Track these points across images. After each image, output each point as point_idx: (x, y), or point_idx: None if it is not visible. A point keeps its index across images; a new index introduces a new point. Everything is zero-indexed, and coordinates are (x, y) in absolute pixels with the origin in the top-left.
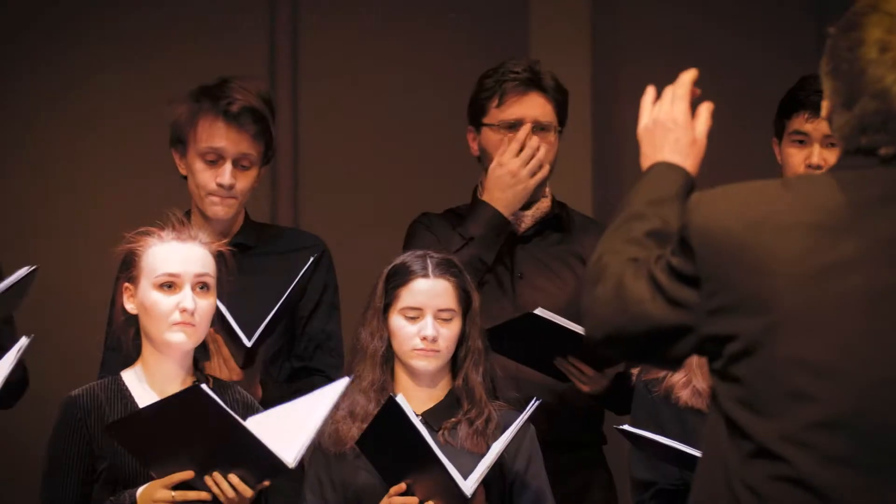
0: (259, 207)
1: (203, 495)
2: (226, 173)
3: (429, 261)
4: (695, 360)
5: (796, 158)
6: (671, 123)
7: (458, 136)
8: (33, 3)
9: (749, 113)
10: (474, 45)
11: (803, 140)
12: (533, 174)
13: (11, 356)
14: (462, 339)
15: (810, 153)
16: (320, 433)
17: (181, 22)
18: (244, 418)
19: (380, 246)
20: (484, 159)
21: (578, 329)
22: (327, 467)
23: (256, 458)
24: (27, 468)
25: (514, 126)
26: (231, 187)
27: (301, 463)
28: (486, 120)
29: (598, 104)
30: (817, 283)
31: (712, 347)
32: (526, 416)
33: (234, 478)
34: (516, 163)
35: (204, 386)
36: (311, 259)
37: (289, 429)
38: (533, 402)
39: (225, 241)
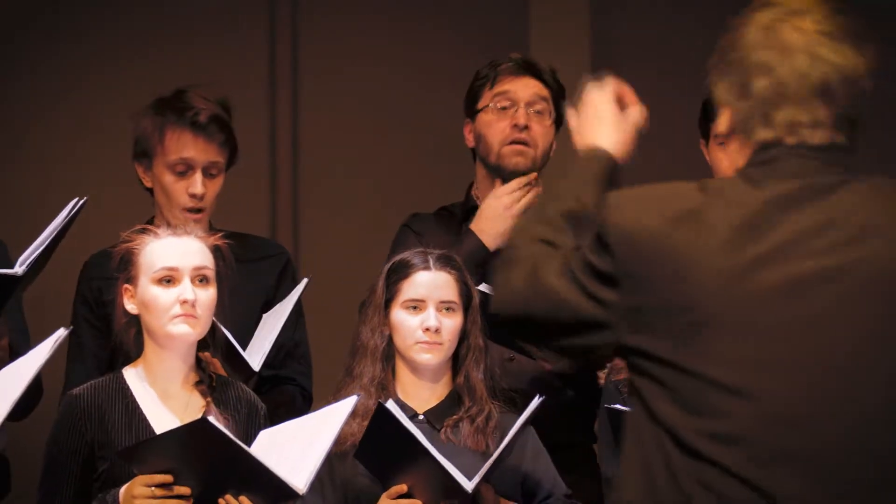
0: (258, 207)
1: (184, 490)
2: (197, 183)
3: (429, 255)
4: None
5: (724, 163)
6: (602, 111)
7: (458, 136)
8: (33, 3)
9: None
10: (474, 45)
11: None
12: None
13: (47, 347)
14: (463, 336)
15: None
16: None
17: (181, 22)
18: (248, 416)
19: (380, 245)
20: (479, 146)
21: None
22: (328, 465)
23: (266, 485)
24: (27, 467)
25: (507, 106)
26: (202, 196)
27: None
28: (479, 105)
29: None
30: (739, 280)
31: (634, 347)
32: (528, 415)
33: (244, 500)
34: (511, 199)
35: (211, 418)
36: (306, 280)
37: (297, 452)
38: (535, 401)
39: (220, 234)
